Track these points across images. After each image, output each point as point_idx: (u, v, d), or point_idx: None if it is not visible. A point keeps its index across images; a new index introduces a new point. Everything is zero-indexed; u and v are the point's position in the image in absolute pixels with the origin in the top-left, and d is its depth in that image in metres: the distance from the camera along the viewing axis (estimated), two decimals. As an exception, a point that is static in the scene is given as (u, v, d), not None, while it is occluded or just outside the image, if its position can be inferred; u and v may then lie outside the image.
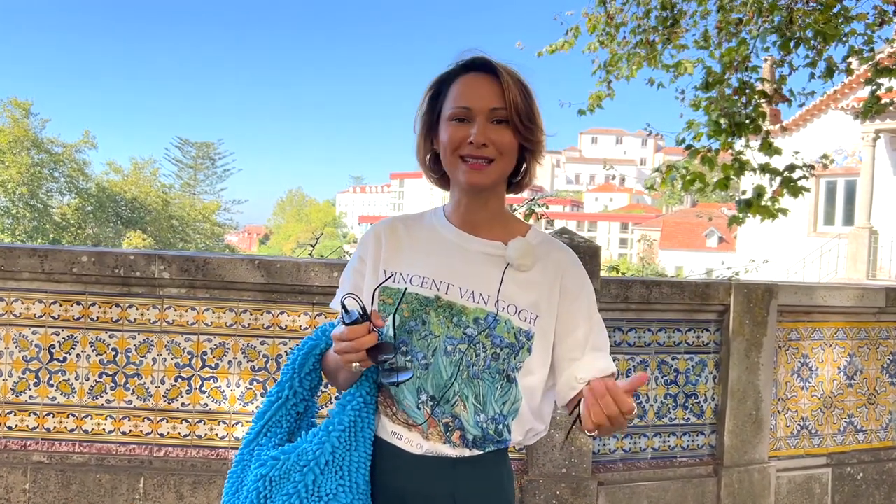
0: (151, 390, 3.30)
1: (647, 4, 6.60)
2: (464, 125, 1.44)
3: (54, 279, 3.24)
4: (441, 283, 1.47)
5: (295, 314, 3.34)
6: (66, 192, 40.75)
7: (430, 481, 1.45)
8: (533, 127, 1.46)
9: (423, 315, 1.46)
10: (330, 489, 1.41)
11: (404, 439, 1.46)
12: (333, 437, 1.43)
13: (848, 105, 16.55)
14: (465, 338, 1.44)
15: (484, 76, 1.45)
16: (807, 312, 3.93)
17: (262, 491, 1.42)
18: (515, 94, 1.43)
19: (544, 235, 1.59)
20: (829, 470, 3.95)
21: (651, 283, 3.62)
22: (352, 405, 1.46)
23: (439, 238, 1.52)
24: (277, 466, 1.43)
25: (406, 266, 1.50)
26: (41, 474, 3.21)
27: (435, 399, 1.44)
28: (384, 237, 1.55)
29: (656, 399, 3.67)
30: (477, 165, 1.43)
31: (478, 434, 1.45)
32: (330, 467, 1.42)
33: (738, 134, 5.22)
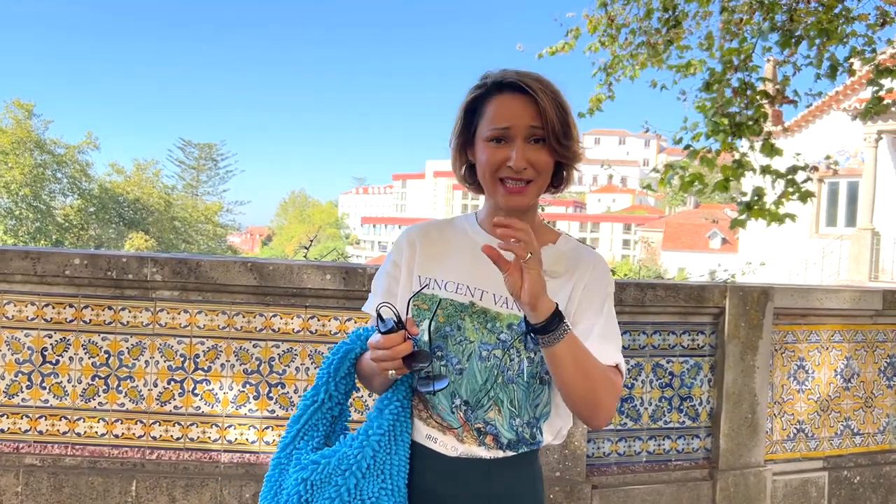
0: (144, 393, 3.29)
1: (648, 6, 6.59)
2: (501, 147, 1.46)
3: (47, 281, 3.23)
4: (475, 289, 1.51)
5: (288, 317, 3.33)
6: (68, 194, 40.84)
7: (465, 483, 1.49)
8: (569, 143, 1.48)
9: (458, 321, 1.50)
10: (372, 492, 1.44)
11: (439, 442, 1.50)
12: (373, 440, 1.46)
13: (850, 106, 16.51)
14: (500, 343, 1.48)
15: (520, 95, 1.46)
16: (803, 315, 3.92)
17: (304, 495, 1.45)
18: (552, 113, 1.45)
19: (575, 242, 1.62)
20: (826, 473, 3.93)
21: (645, 285, 3.61)
22: (389, 409, 1.49)
23: (473, 245, 1.51)
24: (318, 470, 1.45)
25: (440, 272, 1.54)
26: (33, 477, 3.21)
27: (469, 404, 1.48)
28: (419, 243, 1.58)
29: (651, 402, 3.65)
30: (516, 189, 1.47)
31: (512, 437, 1.49)
32: (371, 471, 1.45)
33: (738, 135, 5.20)
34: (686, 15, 6.07)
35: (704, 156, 5.27)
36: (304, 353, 3.34)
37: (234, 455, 3.31)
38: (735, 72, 5.33)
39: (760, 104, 5.29)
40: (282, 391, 3.33)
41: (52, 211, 39.62)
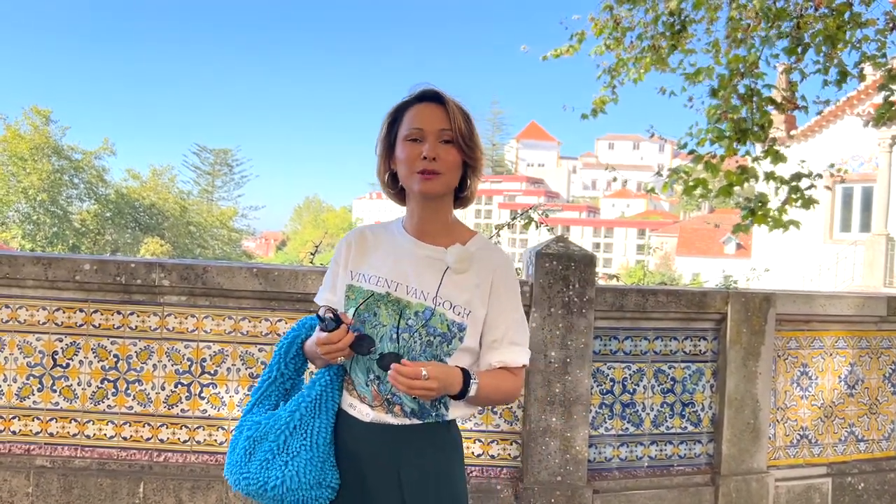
0: (152, 396, 3.35)
1: (654, 10, 6.60)
2: (417, 144, 1.73)
3: (58, 287, 3.31)
4: (392, 281, 1.76)
5: (293, 321, 3.37)
6: (85, 199, 41.25)
7: (377, 444, 1.74)
8: (473, 146, 1.76)
9: (374, 308, 1.75)
10: (294, 448, 1.73)
11: (356, 409, 1.77)
12: (302, 406, 1.76)
13: (863, 111, 16.39)
14: (407, 327, 1.72)
15: (434, 105, 1.75)
16: (806, 321, 3.92)
17: (248, 448, 1.77)
18: (459, 119, 1.73)
19: (484, 241, 1.85)
20: (830, 480, 3.93)
21: (647, 291, 3.63)
22: (320, 382, 1.79)
23: (396, 244, 1.82)
24: (259, 429, 1.78)
25: (366, 267, 1.81)
26: (44, 478, 3.27)
27: (380, 378, 1.73)
28: (354, 243, 1.86)
29: (653, 407, 3.67)
30: (428, 177, 1.72)
31: (414, 407, 1.73)
32: (297, 431, 1.74)
33: (743, 141, 5.20)
34: (692, 20, 6.08)
35: (709, 161, 5.28)
36: (309, 357, 3.38)
37: (239, 458, 3.36)
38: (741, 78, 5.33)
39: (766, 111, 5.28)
40: (286, 395, 3.38)
41: (69, 216, 40.03)
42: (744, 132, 5.45)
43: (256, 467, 1.74)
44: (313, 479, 1.72)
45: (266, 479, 1.72)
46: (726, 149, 5.32)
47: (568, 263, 3.43)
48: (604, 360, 3.58)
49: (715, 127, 5.16)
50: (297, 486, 1.70)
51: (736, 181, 5.22)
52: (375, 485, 1.74)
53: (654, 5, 6.65)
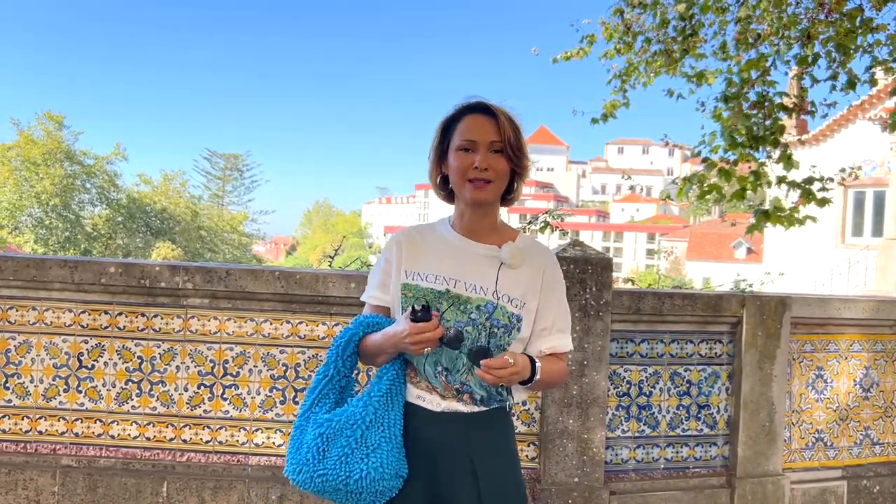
0: (175, 397, 3.41)
1: (664, 15, 6.64)
2: (469, 154, 1.84)
3: (83, 289, 3.37)
4: (450, 279, 1.86)
5: (313, 324, 3.44)
6: (97, 203, 41.51)
7: (449, 431, 1.84)
8: (521, 155, 1.88)
9: (437, 305, 1.84)
10: (374, 441, 1.80)
11: (426, 400, 1.86)
12: (374, 401, 1.83)
13: (876, 115, 16.36)
14: (470, 321, 1.82)
15: (484, 116, 1.86)
16: (821, 324, 3.94)
17: (321, 445, 1.81)
18: (509, 131, 1.84)
19: (530, 239, 1.98)
20: (845, 482, 3.94)
21: (663, 294, 3.66)
22: (387, 376, 1.86)
23: (447, 243, 1.92)
24: (331, 426, 1.82)
25: (422, 266, 1.89)
26: (69, 477, 3.33)
27: (448, 370, 1.84)
28: (404, 243, 1.94)
29: (669, 410, 3.70)
30: (480, 185, 1.84)
31: (483, 395, 1.85)
32: (373, 424, 1.81)
33: (755, 147, 5.24)
34: (703, 24, 6.11)
35: (722, 167, 5.32)
36: (329, 359, 3.43)
37: (261, 458, 3.42)
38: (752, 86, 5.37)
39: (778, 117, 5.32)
40: (307, 396, 3.43)
41: (81, 220, 40.30)
42: (756, 139, 5.48)
43: (334, 463, 1.78)
44: (393, 470, 1.79)
45: (348, 473, 1.77)
46: (739, 156, 5.36)
47: (585, 267, 3.47)
48: (620, 363, 3.62)
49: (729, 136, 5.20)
50: (380, 477, 1.77)
51: (749, 186, 5.26)
52: (448, 470, 1.83)
53: (664, 10, 6.69)
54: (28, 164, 37.66)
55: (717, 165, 5.35)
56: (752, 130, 5.21)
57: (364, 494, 1.78)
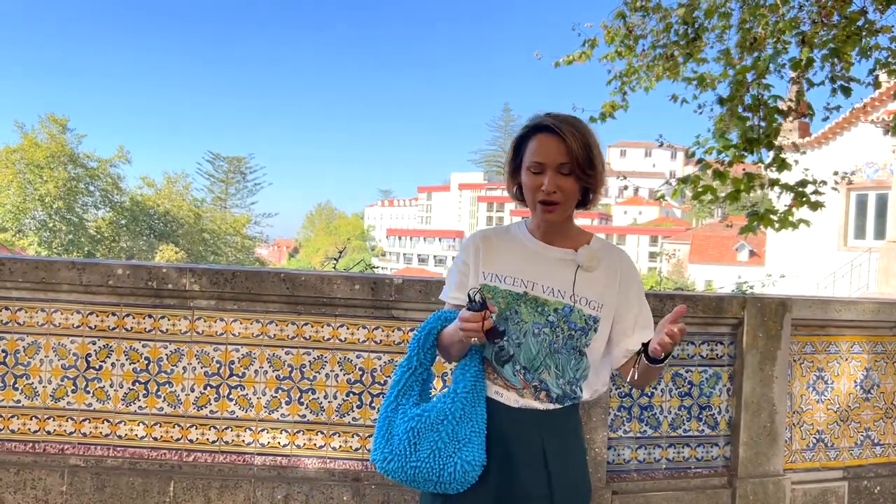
0: (182, 397, 3.45)
1: (667, 19, 6.67)
2: (538, 176, 1.91)
3: (91, 291, 3.41)
4: (528, 281, 1.94)
5: (318, 325, 3.47)
6: (100, 206, 41.68)
7: (525, 426, 1.93)
8: (592, 172, 1.91)
9: (515, 306, 1.93)
10: (465, 435, 1.89)
11: (504, 396, 1.95)
12: (461, 396, 1.91)
13: (878, 118, 16.38)
14: (548, 323, 1.91)
15: (553, 138, 1.89)
16: (822, 326, 3.97)
17: (413, 439, 1.90)
18: (577, 151, 1.87)
19: (604, 242, 2.05)
20: (846, 483, 3.97)
21: (664, 296, 3.70)
22: (471, 371, 1.94)
23: (524, 247, 2.00)
24: (422, 420, 1.91)
25: (500, 268, 1.97)
26: (77, 477, 3.37)
27: (526, 368, 1.93)
28: (482, 246, 2.02)
29: (670, 410, 3.74)
30: (548, 209, 1.91)
31: (559, 393, 1.94)
32: (463, 420, 1.90)
33: (750, 150, 5.29)
34: (706, 29, 6.15)
35: (717, 169, 5.37)
36: (334, 360, 3.47)
37: (266, 458, 3.46)
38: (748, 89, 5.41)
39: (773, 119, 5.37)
40: (312, 397, 3.47)
41: (85, 223, 40.44)
42: (751, 141, 5.53)
43: (426, 456, 1.88)
44: (480, 462, 1.88)
45: (441, 466, 1.87)
46: (733, 157, 5.40)
47: (587, 269, 3.50)
48: (622, 364, 3.65)
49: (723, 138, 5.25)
50: (472, 469, 1.87)
51: (743, 188, 5.30)
52: (522, 462, 1.92)
53: (667, 14, 6.73)
54: (32, 166, 37.82)
55: (711, 166, 5.40)
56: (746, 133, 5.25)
57: (454, 484, 1.89)
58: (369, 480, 3.45)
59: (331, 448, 3.48)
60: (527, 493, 1.91)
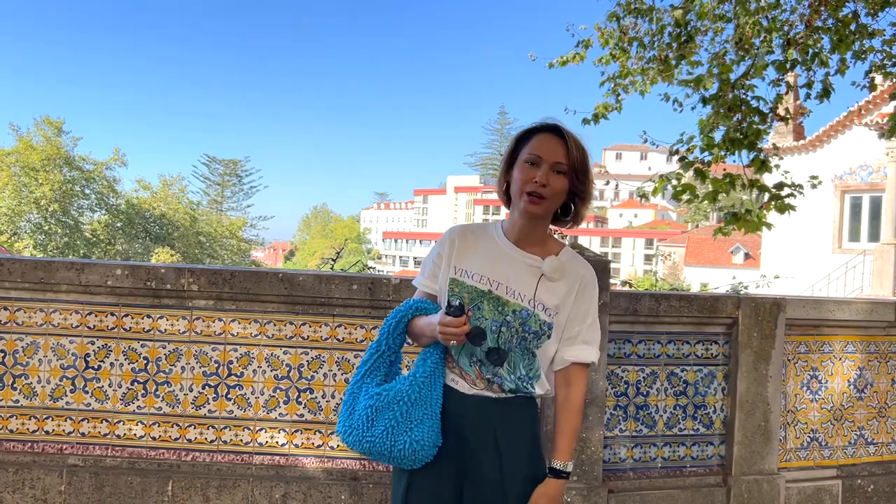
0: (180, 397, 3.46)
1: (660, 21, 6.70)
2: (533, 168, 1.99)
3: (90, 291, 3.43)
4: (493, 281, 2.03)
5: (316, 325, 3.50)
6: (96, 209, 41.58)
7: (479, 413, 2.03)
8: (585, 180, 2.03)
9: (478, 302, 2.03)
10: (418, 416, 2.00)
11: (460, 384, 2.06)
12: (419, 380, 2.03)
13: (872, 121, 16.46)
14: (506, 322, 2.01)
15: (556, 138, 2.01)
16: (815, 326, 4.01)
17: (371, 416, 2.02)
18: (576, 156, 1.99)
19: (572, 253, 2.12)
20: (840, 482, 4.00)
21: (660, 296, 3.73)
22: (431, 359, 2.06)
23: (497, 247, 2.08)
24: (380, 399, 2.03)
25: (470, 265, 2.06)
26: (76, 476, 3.39)
27: (481, 362, 2.03)
28: (457, 241, 2.11)
29: (666, 410, 3.76)
30: (533, 200, 1.99)
31: (512, 387, 2.03)
32: (417, 402, 2.01)
33: (732, 150, 5.34)
34: (698, 31, 6.18)
35: (698, 167, 5.42)
36: (332, 359, 3.49)
37: (265, 457, 3.47)
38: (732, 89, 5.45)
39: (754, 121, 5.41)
40: (310, 396, 3.49)
41: (80, 226, 40.34)
42: (733, 141, 5.56)
43: (381, 433, 2.01)
44: (431, 442, 2.00)
45: (392, 443, 2.00)
46: (714, 157, 5.44)
47: (583, 269, 3.53)
48: (618, 363, 3.68)
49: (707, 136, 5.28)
50: (420, 448, 1.99)
51: (722, 188, 5.34)
52: (476, 447, 2.02)
53: (660, 16, 6.76)
54: (27, 169, 37.71)
55: (693, 165, 5.44)
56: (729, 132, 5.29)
57: (405, 461, 2.02)
58: (367, 479, 3.47)
59: (329, 447, 3.50)
60: (482, 477, 2.02)
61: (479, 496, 2.03)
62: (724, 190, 5.42)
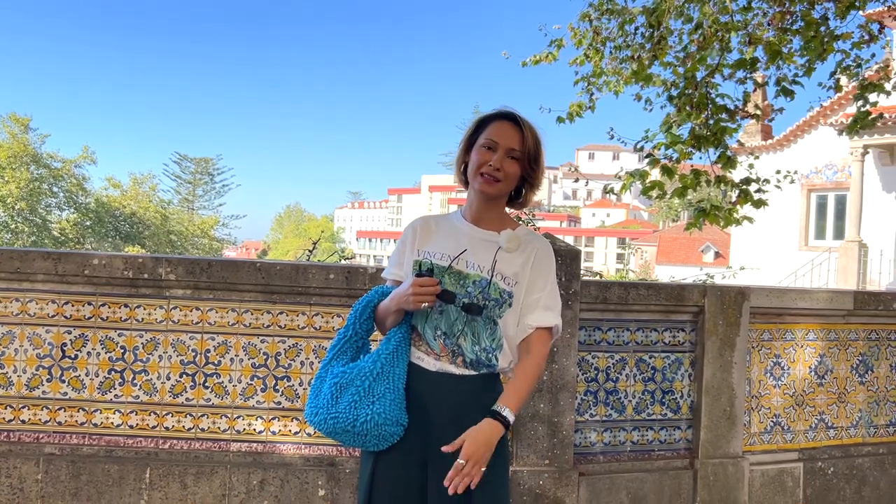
0: (158, 386, 3.50)
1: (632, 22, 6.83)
2: (489, 152, 2.13)
3: (67, 281, 3.44)
4: (453, 256, 2.14)
5: (293, 314, 3.55)
6: (64, 207, 40.99)
7: (441, 389, 2.11)
8: (536, 168, 2.18)
9: (440, 277, 2.13)
10: (380, 391, 2.08)
11: (424, 360, 2.14)
12: (382, 357, 2.11)
13: (837, 121, 16.84)
14: (467, 294, 2.11)
15: (512, 125, 2.15)
16: (778, 314, 4.14)
17: (336, 393, 2.10)
18: (530, 143, 2.14)
19: (529, 231, 2.29)
20: (801, 464, 4.15)
21: (629, 285, 3.84)
22: (395, 338, 2.15)
23: (456, 228, 2.21)
24: (344, 377, 2.11)
25: (432, 246, 2.19)
26: (53, 465, 3.40)
27: (446, 334, 2.12)
28: (419, 229, 2.26)
29: (635, 395, 3.88)
30: (489, 181, 2.13)
31: (473, 358, 2.11)
32: (380, 378, 2.09)
33: (698, 147, 5.48)
34: (671, 31, 6.31)
35: (665, 165, 5.55)
36: (309, 348, 3.55)
37: (242, 444, 3.52)
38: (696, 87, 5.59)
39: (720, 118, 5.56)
40: (287, 384, 3.54)
41: (48, 225, 39.74)
42: (699, 139, 5.71)
43: (345, 408, 2.07)
44: (394, 418, 2.07)
45: (355, 416, 2.06)
46: (680, 154, 5.59)
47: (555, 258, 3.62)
48: (588, 350, 3.78)
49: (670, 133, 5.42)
50: (383, 421, 2.05)
51: (689, 184, 5.48)
52: (439, 424, 2.09)
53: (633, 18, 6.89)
54: (-7, 167, 37.04)
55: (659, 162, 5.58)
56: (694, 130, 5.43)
57: (369, 437, 2.07)
58: (344, 465, 3.53)
59: (306, 434, 3.55)
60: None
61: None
62: (691, 186, 5.56)
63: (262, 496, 3.47)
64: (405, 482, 2.11)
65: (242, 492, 3.46)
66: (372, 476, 2.13)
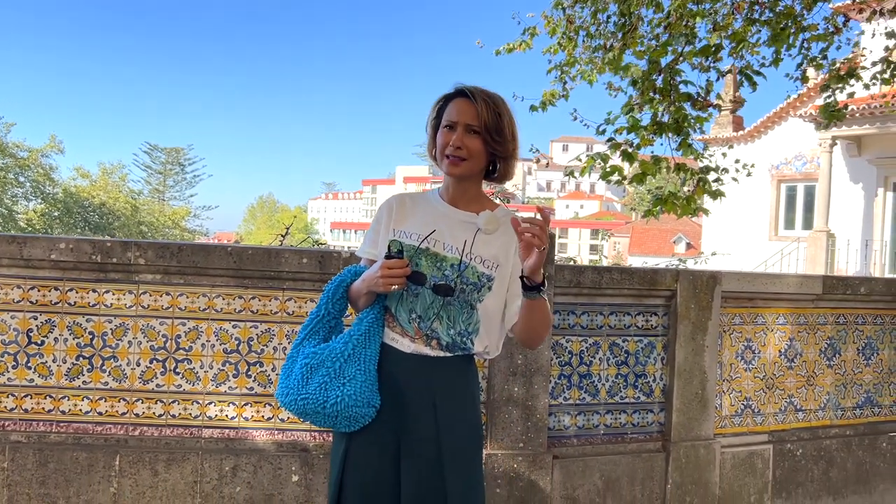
0: (127, 372, 3.44)
1: (605, 10, 6.86)
2: (450, 132, 2.09)
3: (33, 265, 3.37)
4: (430, 238, 2.09)
5: (266, 299, 3.51)
6: (31, 198, 40.27)
7: (416, 371, 2.09)
8: (500, 139, 2.10)
9: (416, 259, 2.09)
10: (350, 373, 2.05)
11: (399, 342, 2.11)
12: (354, 339, 2.08)
13: (806, 112, 17.07)
14: (444, 277, 2.07)
15: (466, 101, 2.09)
16: (750, 299, 4.19)
17: (306, 374, 2.07)
18: (486, 115, 2.06)
19: (508, 211, 2.20)
20: (771, 447, 4.21)
21: (602, 269, 3.85)
22: (367, 319, 2.11)
23: (432, 208, 2.17)
24: (315, 358, 2.08)
25: (408, 226, 2.14)
26: (19, 453, 3.33)
27: (421, 317, 2.08)
28: (395, 207, 2.21)
29: (608, 378, 3.90)
30: (454, 161, 2.09)
31: (449, 342, 2.09)
32: (351, 359, 2.05)
33: (659, 133, 5.52)
34: (641, 20, 6.34)
35: (625, 149, 5.59)
36: (282, 333, 3.51)
37: (214, 430, 3.48)
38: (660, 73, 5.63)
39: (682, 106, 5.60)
40: (260, 370, 3.51)
41: (15, 215, 38.99)
42: (660, 125, 5.75)
43: (315, 389, 2.04)
44: (365, 399, 2.04)
45: (325, 398, 2.03)
46: (641, 139, 5.63)
47: (529, 242, 3.63)
48: (562, 334, 3.80)
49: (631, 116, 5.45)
50: (354, 403, 2.02)
51: (648, 170, 5.52)
52: (413, 406, 2.07)
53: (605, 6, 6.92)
54: (-43, 156, 36.26)
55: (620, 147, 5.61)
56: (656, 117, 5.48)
57: (340, 418, 2.04)
58: (317, 451, 3.50)
59: (279, 420, 3.52)
60: (418, 435, 2.05)
61: (414, 453, 2.05)
62: (651, 172, 5.59)
63: (234, 482, 3.44)
64: (378, 463, 2.07)
65: (215, 478, 3.42)
66: (344, 457, 2.10)
